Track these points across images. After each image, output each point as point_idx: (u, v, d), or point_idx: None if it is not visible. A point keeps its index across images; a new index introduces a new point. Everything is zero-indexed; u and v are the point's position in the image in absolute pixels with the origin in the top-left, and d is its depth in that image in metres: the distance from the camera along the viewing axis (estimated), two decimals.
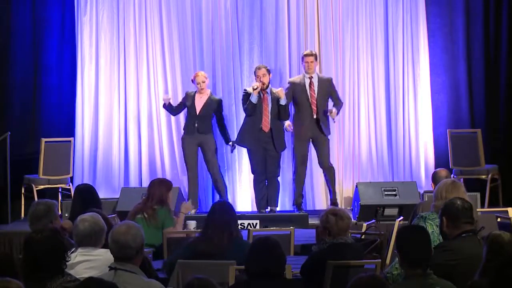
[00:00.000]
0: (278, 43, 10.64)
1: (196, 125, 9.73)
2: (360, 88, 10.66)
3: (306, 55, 9.80)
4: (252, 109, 9.57)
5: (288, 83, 9.92)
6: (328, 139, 9.81)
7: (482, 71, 10.78)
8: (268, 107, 9.59)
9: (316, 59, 9.82)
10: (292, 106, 9.86)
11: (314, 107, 9.67)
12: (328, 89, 9.79)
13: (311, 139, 9.79)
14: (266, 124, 9.59)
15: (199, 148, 9.82)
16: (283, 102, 9.56)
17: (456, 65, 10.80)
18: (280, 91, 9.59)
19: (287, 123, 9.69)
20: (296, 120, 9.79)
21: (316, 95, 9.69)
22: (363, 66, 10.68)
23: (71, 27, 10.60)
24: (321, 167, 9.88)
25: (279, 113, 9.61)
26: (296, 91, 9.75)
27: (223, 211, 5.93)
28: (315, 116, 9.68)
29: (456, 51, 10.80)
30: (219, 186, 9.86)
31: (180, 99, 10.17)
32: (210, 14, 10.60)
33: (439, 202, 5.51)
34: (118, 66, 10.57)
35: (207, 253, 5.71)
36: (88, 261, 4.90)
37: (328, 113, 9.68)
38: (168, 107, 9.84)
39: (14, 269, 4.16)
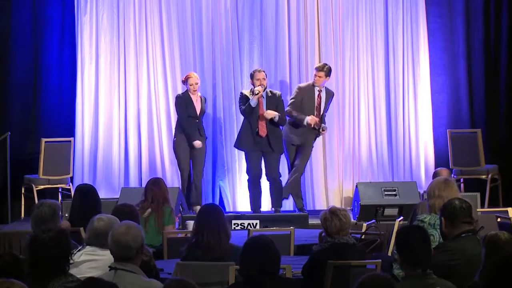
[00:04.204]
0: (278, 43, 10.64)
1: (199, 129, 9.66)
2: (360, 88, 10.66)
3: (317, 70, 9.71)
4: (250, 111, 9.54)
5: (297, 88, 9.84)
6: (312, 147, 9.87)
7: (482, 71, 10.79)
8: (263, 112, 9.52)
9: (327, 75, 9.68)
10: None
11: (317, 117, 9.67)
12: (328, 102, 9.83)
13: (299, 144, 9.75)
14: (262, 129, 9.51)
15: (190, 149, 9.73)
16: (276, 119, 9.50)
17: (456, 65, 10.81)
18: (270, 113, 9.48)
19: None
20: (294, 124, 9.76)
21: (322, 109, 9.69)
22: (363, 66, 10.68)
23: (71, 27, 10.60)
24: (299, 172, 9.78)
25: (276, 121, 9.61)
26: (304, 96, 9.71)
27: (215, 212, 5.64)
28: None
29: (456, 51, 10.81)
30: (197, 187, 9.73)
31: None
32: (210, 14, 10.60)
33: (432, 200, 5.53)
34: (118, 66, 10.57)
35: (206, 259, 5.47)
36: (92, 260, 4.91)
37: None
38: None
39: (20, 269, 4.16)
